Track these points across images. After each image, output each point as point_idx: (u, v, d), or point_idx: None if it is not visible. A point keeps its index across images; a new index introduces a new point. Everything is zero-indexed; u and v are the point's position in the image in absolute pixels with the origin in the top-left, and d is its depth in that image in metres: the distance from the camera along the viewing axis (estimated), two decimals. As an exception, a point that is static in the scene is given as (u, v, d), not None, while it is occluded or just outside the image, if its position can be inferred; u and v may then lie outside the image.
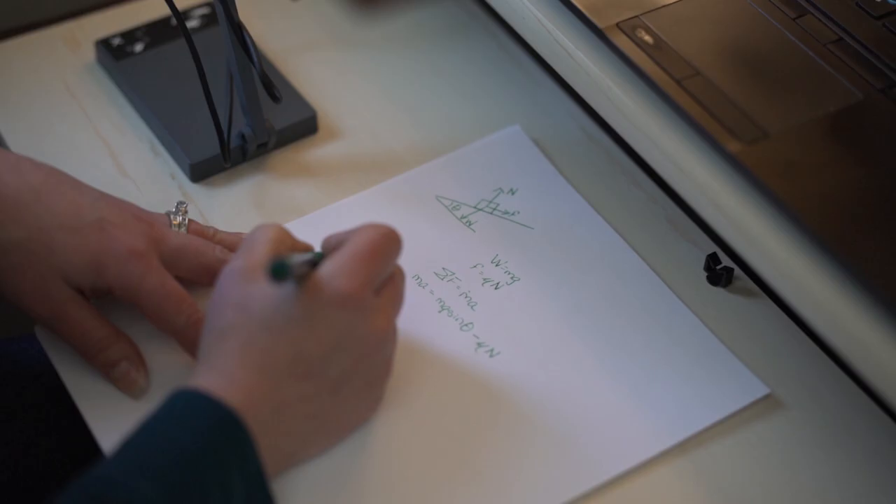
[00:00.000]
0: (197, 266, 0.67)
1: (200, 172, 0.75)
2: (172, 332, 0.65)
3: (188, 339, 0.65)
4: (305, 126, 0.78)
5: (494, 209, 0.75)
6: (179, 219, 0.69)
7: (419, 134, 0.79)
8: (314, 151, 0.78)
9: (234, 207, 0.75)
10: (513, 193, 0.75)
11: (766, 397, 0.65)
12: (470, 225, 0.74)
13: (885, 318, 0.56)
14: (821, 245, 0.58)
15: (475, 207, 0.75)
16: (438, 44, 0.84)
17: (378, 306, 0.61)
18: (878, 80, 0.65)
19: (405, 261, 0.71)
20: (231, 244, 0.69)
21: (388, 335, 0.62)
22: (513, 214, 0.74)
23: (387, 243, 0.62)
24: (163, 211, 0.70)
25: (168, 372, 0.66)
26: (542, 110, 0.80)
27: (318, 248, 0.64)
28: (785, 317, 0.69)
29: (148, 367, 0.66)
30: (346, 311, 0.59)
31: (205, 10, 0.83)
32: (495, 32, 0.85)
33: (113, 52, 0.81)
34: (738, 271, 0.71)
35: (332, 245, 0.63)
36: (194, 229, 0.70)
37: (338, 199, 0.75)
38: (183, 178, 0.76)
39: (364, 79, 0.82)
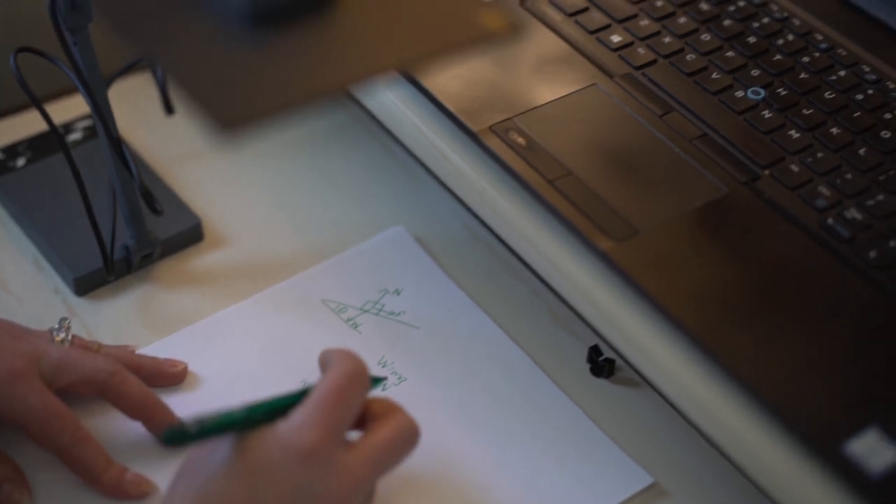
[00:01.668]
0: (79, 378, 0.65)
1: (85, 286, 0.74)
2: (57, 451, 0.64)
3: (73, 458, 0.63)
4: (190, 235, 0.77)
5: (380, 310, 0.74)
6: (62, 335, 0.68)
7: (305, 238, 0.78)
8: (201, 260, 0.77)
9: (120, 320, 0.73)
10: (398, 294, 0.75)
11: (651, 486, 0.65)
12: (356, 327, 0.73)
13: (752, 407, 0.56)
14: (690, 338, 0.59)
15: (361, 309, 0.74)
16: (323, 148, 0.84)
17: (345, 463, 0.56)
18: (741, 173, 0.66)
19: (291, 367, 0.70)
20: (115, 356, 0.68)
21: (353, 496, 0.57)
22: (398, 315, 0.74)
23: (349, 386, 0.58)
24: (46, 328, 0.68)
25: (54, 491, 0.64)
26: (426, 210, 0.80)
27: None
28: (667, 405, 0.69)
29: (32, 487, 0.64)
30: (307, 467, 0.55)
31: (88, 122, 0.83)
32: (378, 135, 0.85)
33: (-5, 168, 0.80)
34: (620, 362, 0.71)
35: (324, 362, 0.60)
36: (78, 345, 0.68)
37: (225, 306, 0.74)
38: (67, 293, 0.74)
39: (250, 185, 0.82)
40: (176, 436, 0.56)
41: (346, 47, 0.49)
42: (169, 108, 0.63)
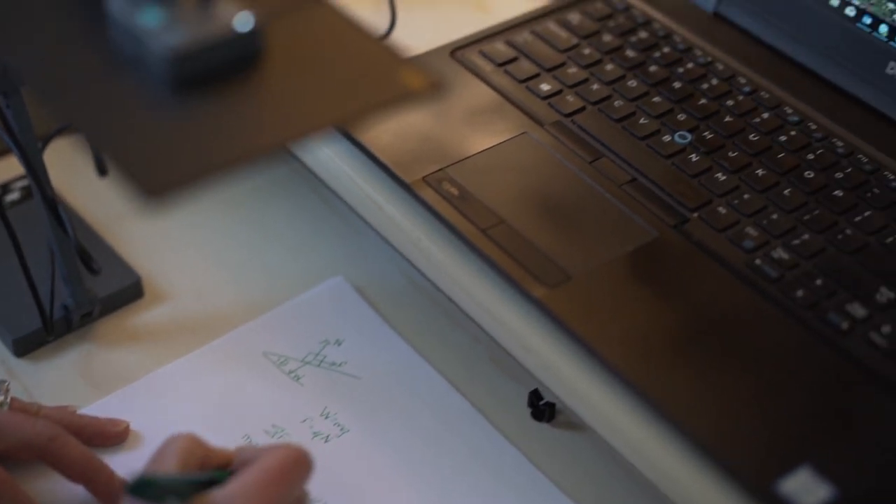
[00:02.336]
0: (17, 442, 0.64)
1: (24, 347, 0.73)
2: (-5, 516, 0.62)
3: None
4: (131, 291, 0.77)
5: (322, 361, 0.74)
6: (0, 398, 0.67)
7: (245, 291, 0.78)
8: (142, 316, 0.76)
9: (61, 380, 0.72)
10: (339, 344, 0.75)
11: (594, 530, 0.65)
12: (298, 379, 0.73)
13: (687, 448, 0.56)
14: (625, 382, 0.59)
15: (302, 361, 0.74)
16: (262, 201, 0.84)
17: None
18: (671, 216, 0.66)
19: (234, 422, 0.69)
20: (55, 418, 0.67)
21: None
22: (340, 365, 0.73)
23: (294, 468, 0.57)
24: (-17, 392, 0.67)
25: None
26: (365, 259, 0.80)
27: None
28: (609, 448, 0.69)
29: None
30: None
31: (25, 182, 0.82)
32: (317, 188, 0.85)
33: (-68, 231, 0.78)
34: (561, 405, 0.71)
35: (244, 460, 0.58)
36: (17, 407, 0.67)
37: (166, 362, 0.73)
38: (6, 354, 0.73)
39: (190, 240, 0.81)
40: (140, 487, 0.54)
41: (269, 110, 0.49)
42: (101, 170, 0.63)
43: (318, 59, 0.51)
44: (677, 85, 0.74)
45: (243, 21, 0.49)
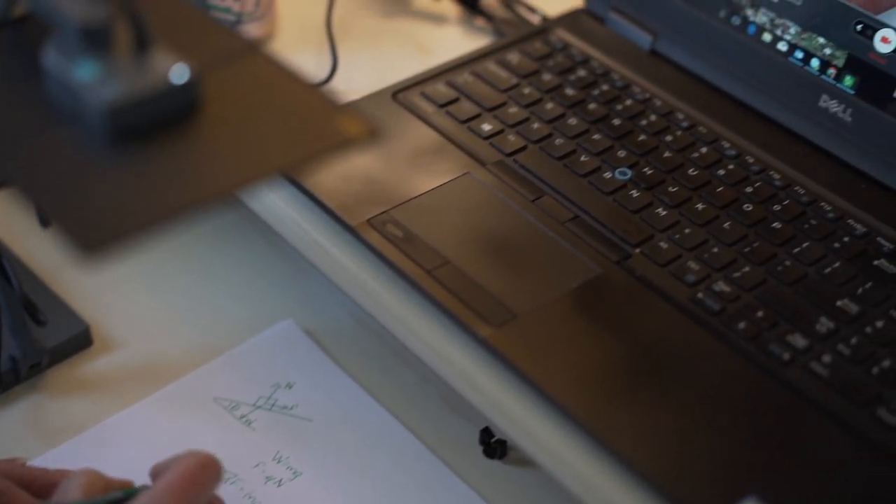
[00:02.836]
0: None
1: (-29, 400, 0.71)
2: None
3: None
4: (79, 340, 0.75)
5: (273, 405, 0.73)
6: (-53, 453, 0.65)
7: (195, 337, 0.77)
8: (91, 365, 0.75)
9: (9, 432, 0.71)
10: (290, 388, 0.74)
11: (547, 566, 0.64)
12: (250, 424, 0.72)
13: (635, 482, 0.56)
14: (572, 418, 0.58)
15: (254, 405, 0.73)
16: (210, 246, 0.83)
17: None
18: (613, 252, 0.66)
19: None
20: (3, 472, 0.65)
21: None
22: (291, 409, 0.72)
23: (202, 473, 0.56)
24: (-69, 447, 0.66)
25: None
26: (314, 302, 0.79)
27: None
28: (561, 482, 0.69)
29: None
30: None
31: (-28, 234, 0.80)
32: (265, 232, 0.84)
33: None
34: (512, 442, 0.70)
35: (156, 473, 0.58)
36: (-36, 462, 0.66)
37: (117, 411, 0.72)
38: (-46, 408, 0.72)
39: (138, 287, 0.80)
40: None
41: (208, 160, 0.48)
42: (44, 223, 0.62)
43: (256, 109, 0.51)
44: (617, 122, 0.74)
45: (179, 73, 0.49)
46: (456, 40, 0.84)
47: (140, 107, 0.48)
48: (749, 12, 0.75)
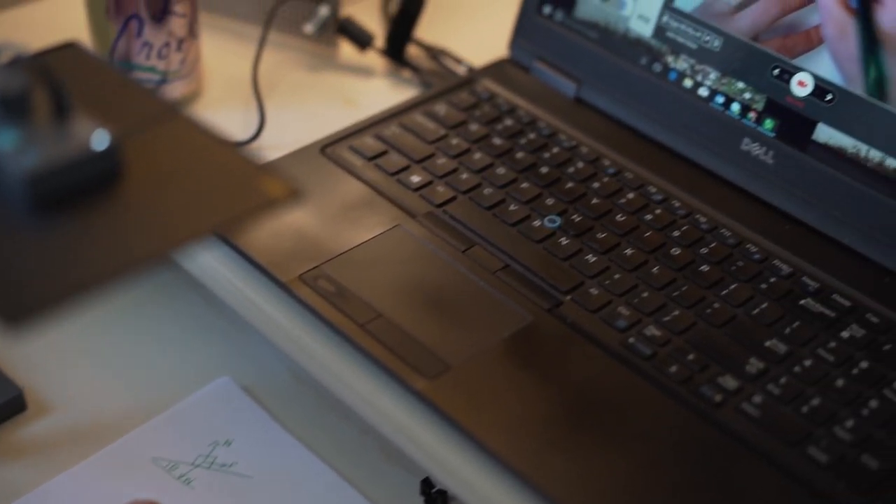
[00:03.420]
0: None
1: None
2: None
3: None
4: (12, 405, 0.73)
5: (212, 463, 0.71)
6: None
7: (131, 398, 0.75)
8: (25, 429, 0.73)
9: (-59, 502, 0.68)
10: (228, 445, 0.72)
11: None
12: (189, 483, 0.70)
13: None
14: (509, 468, 0.57)
15: (193, 464, 0.71)
16: (145, 306, 0.81)
17: None
18: (544, 300, 0.65)
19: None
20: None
21: None
22: (231, 466, 0.71)
23: None
24: None
25: None
26: (251, 358, 0.77)
27: None
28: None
29: None
30: None
31: None
32: (200, 289, 0.82)
33: None
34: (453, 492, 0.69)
35: None
36: None
37: (53, 476, 0.70)
38: None
39: (72, 349, 0.78)
40: None
41: (132, 225, 0.47)
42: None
43: (179, 172, 0.50)
44: (544, 170, 0.74)
45: (100, 139, 0.48)
46: (383, 93, 0.83)
47: (61, 174, 0.47)
48: (669, 59, 0.76)
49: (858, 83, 0.67)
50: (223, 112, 0.80)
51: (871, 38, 0.66)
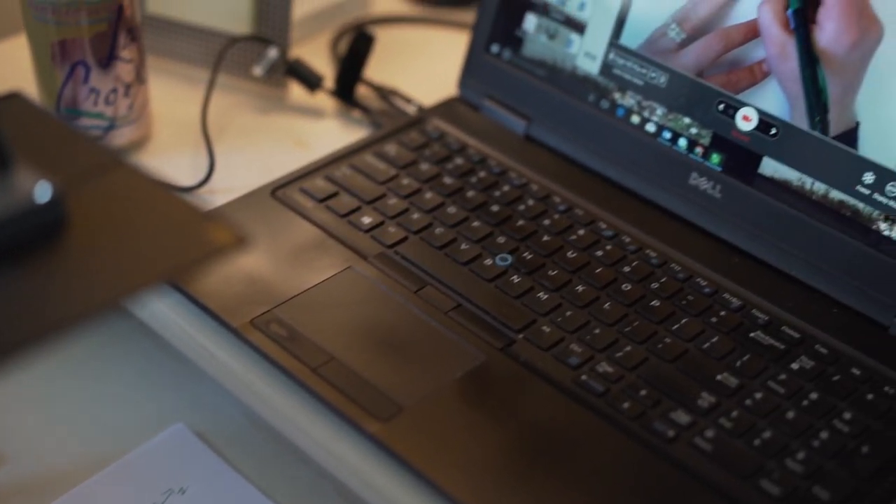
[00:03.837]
0: None
1: None
2: None
3: None
4: (-38, 459, 0.72)
5: (166, 512, 0.71)
6: None
7: (84, 447, 0.74)
8: (-25, 482, 0.72)
9: None
10: (183, 493, 0.72)
11: None
12: (143, 533, 0.69)
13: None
14: (464, 512, 0.57)
15: (146, 513, 0.70)
16: (97, 354, 0.80)
17: None
18: (497, 339, 0.66)
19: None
20: None
21: None
22: (185, 514, 0.70)
23: None
24: None
25: None
26: (205, 404, 0.77)
27: None
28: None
29: None
30: None
31: None
32: (152, 335, 0.82)
33: None
34: (408, 534, 0.69)
35: None
36: None
37: (3, 529, 0.69)
38: None
39: (23, 398, 0.77)
40: None
41: (78, 277, 0.47)
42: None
43: (124, 222, 0.50)
44: (495, 208, 0.74)
45: (43, 191, 0.48)
46: (333, 134, 0.84)
47: (3, 227, 0.47)
48: (617, 96, 0.77)
49: (801, 102, 0.68)
50: (173, 156, 0.80)
51: (809, 56, 0.68)
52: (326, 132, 0.84)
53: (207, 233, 0.48)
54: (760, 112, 0.71)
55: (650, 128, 0.75)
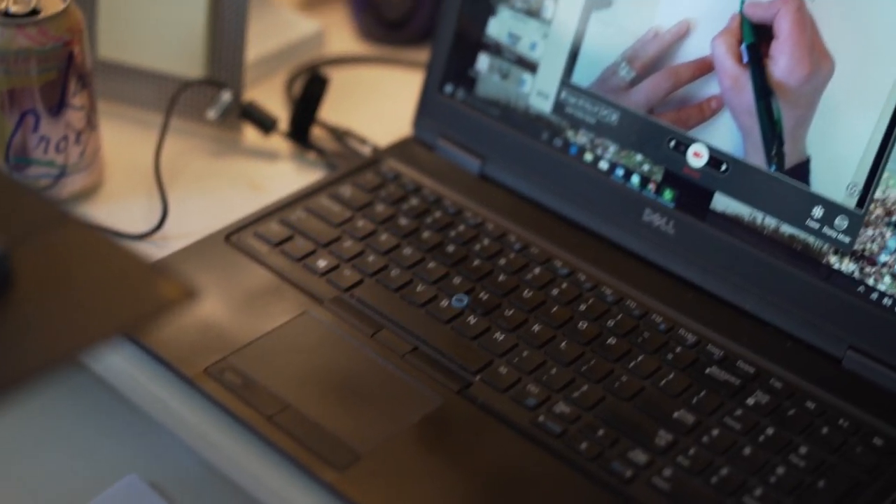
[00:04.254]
0: None
1: None
2: None
3: None
4: (-86, 515, 0.71)
5: (123, 564, 0.70)
6: None
7: (39, 500, 0.73)
8: (-72, 539, 0.71)
9: None
10: (139, 543, 0.71)
11: None
12: (99, 586, 0.69)
13: None
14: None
15: (103, 566, 0.70)
16: (50, 406, 0.79)
17: None
18: (453, 382, 0.66)
19: None
20: None
21: None
22: (142, 566, 0.70)
23: None
24: None
25: None
26: (160, 454, 0.76)
27: None
28: None
29: None
30: None
31: None
32: (105, 385, 0.81)
33: None
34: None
35: None
36: None
37: (-44, 586, 0.68)
38: None
39: (-24, 451, 0.77)
40: None
41: (25, 335, 0.47)
42: None
43: (72, 278, 0.49)
44: (451, 248, 0.74)
45: (-13, 248, 0.47)
46: (288, 176, 0.84)
47: (-52, 286, 0.47)
48: (569, 134, 0.77)
49: (755, 136, 0.69)
50: (126, 203, 0.80)
51: (764, 89, 0.68)
52: (281, 175, 0.84)
53: (156, 287, 0.48)
54: (711, 148, 0.71)
55: (603, 165, 0.76)
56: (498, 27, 0.80)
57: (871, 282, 0.67)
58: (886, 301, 0.66)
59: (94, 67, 0.85)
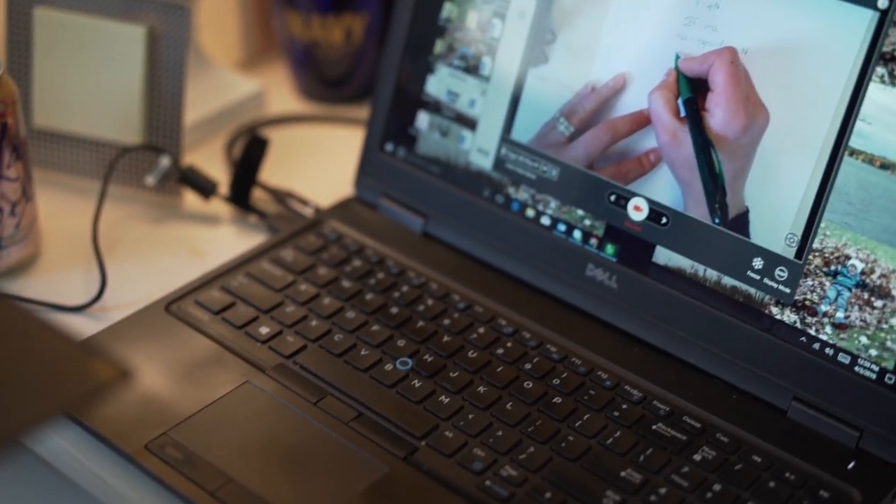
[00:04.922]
0: None
1: None
2: None
3: None
4: None
5: None
6: None
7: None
8: None
9: None
10: None
11: None
12: None
13: None
14: None
15: None
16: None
17: None
18: (399, 448, 0.65)
19: None
20: None
21: None
22: None
23: None
24: None
25: None
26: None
27: None
28: None
29: None
30: None
31: None
32: (46, 464, 0.80)
33: None
34: None
35: None
36: None
37: None
38: None
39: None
40: None
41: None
42: None
43: (6, 359, 0.49)
44: (394, 310, 0.75)
45: (-89, 339, 0.47)
46: (230, 240, 0.84)
47: None
48: (511, 190, 0.78)
49: (695, 188, 0.70)
50: (64, 274, 0.79)
51: (704, 141, 0.69)
52: (223, 239, 0.84)
53: (88, 367, 0.47)
54: (650, 202, 0.72)
55: (545, 221, 0.76)
56: (437, 85, 0.80)
57: (812, 332, 0.67)
58: (828, 351, 0.67)
59: (30, 136, 0.85)
